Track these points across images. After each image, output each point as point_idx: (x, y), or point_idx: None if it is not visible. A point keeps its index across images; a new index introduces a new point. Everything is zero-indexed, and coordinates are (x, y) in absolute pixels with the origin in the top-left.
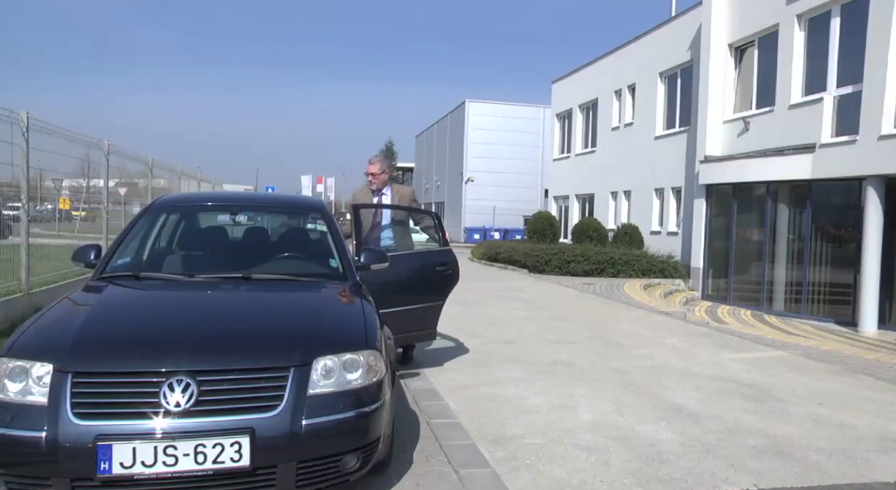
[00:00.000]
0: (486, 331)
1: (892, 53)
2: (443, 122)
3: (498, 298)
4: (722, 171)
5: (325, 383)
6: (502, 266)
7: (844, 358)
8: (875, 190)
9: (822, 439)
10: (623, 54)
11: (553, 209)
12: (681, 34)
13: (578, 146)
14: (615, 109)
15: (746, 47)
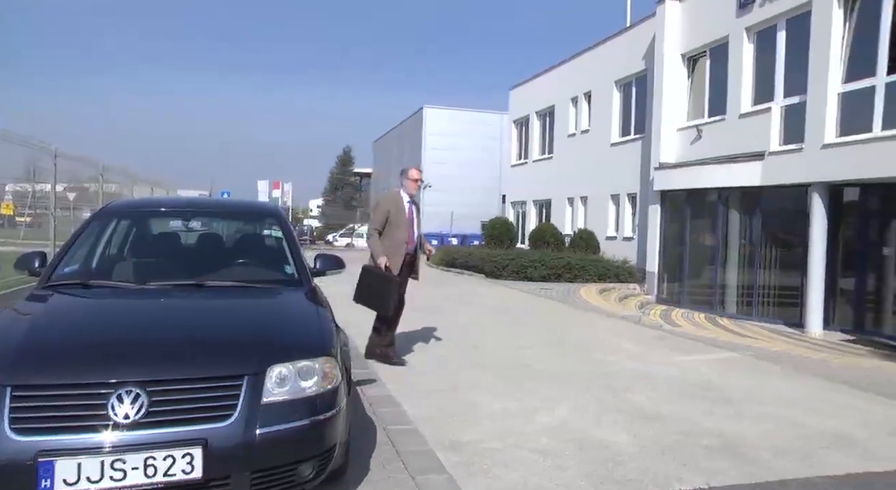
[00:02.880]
0: (443, 336)
1: (833, 66)
2: (400, 127)
3: (455, 304)
4: (676, 178)
5: (280, 391)
6: (460, 271)
7: (793, 358)
8: (820, 196)
9: (772, 438)
10: (579, 62)
11: (510, 215)
12: (635, 44)
13: (536, 152)
14: (572, 116)
15: (698, 58)
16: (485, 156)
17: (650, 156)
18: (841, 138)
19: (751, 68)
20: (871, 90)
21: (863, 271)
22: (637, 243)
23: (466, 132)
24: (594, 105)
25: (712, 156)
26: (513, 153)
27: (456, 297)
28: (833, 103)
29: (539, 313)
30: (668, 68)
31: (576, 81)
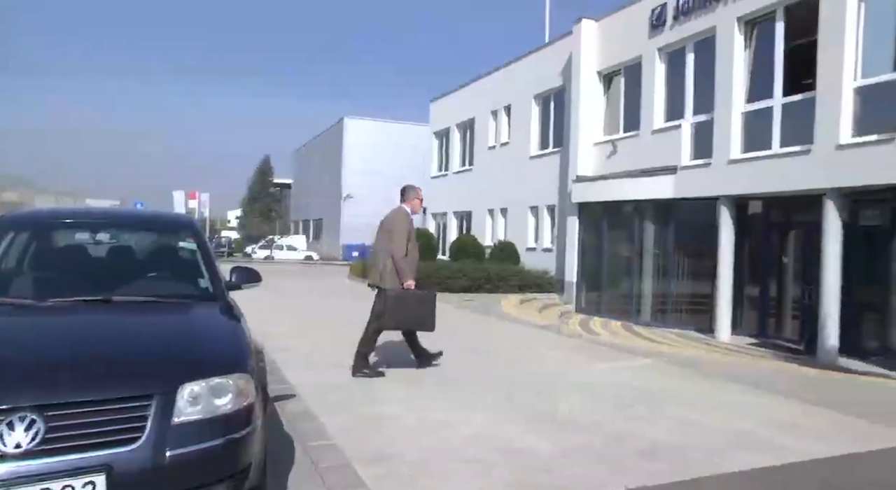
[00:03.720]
0: None
1: (736, 87)
2: (321, 138)
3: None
4: (593, 191)
5: (192, 410)
6: None
7: (704, 363)
8: (727, 209)
9: (686, 438)
10: (499, 76)
11: (431, 226)
12: (554, 60)
13: (456, 164)
14: (491, 129)
15: (614, 75)
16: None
17: (568, 169)
18: (745, 154)
19: (662, 87)
20: (769, 110)
21: (766, 279)
22: (556, 254)
23: (388, 143)
24: (514, 118)
25: (627, 169)
26: (433, 165)
27: None
28: (737, 122)
29: (460, 325)
30: (584, 85)
31: (496, 95)
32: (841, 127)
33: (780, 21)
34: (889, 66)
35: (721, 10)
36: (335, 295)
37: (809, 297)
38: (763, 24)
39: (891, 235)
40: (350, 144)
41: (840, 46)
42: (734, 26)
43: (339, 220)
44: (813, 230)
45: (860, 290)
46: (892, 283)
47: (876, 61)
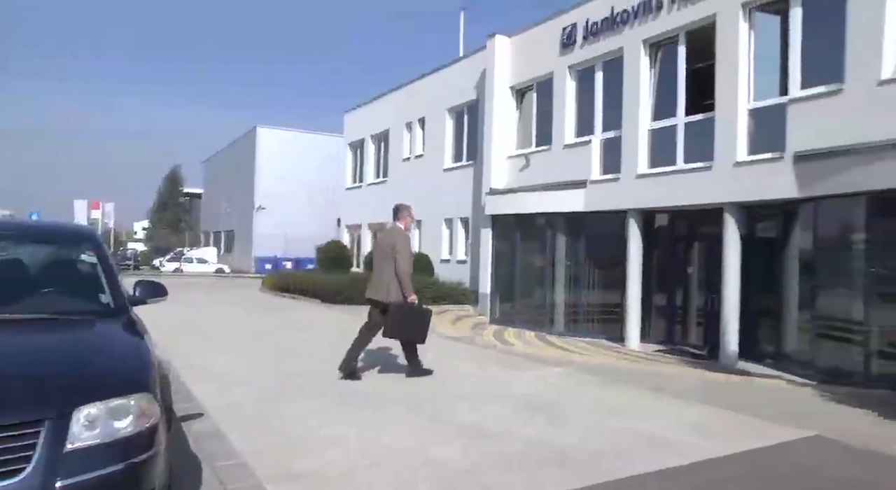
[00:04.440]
0: (277, 364)
1: (643, 105)
2: (233, 147)
3: (288, 330)
4: (506, 203)
5: (89, 435)
6: (294, 297)
7: (613, 370)
8: (635, 221)
9: (597, 443)
10: (414, 89)
11: (346, 238)
12: (468, 74)
13: (370, 176)
14: (406, 141)
15: (526, 91)
16: (320, 178)
17: (482, 181)
18: (651, 170)
19: (573, 103)
20: (674, 128)
21: (672, 289)
22: (470, 266)
23: (301, 154)
24: (428, 131)
25: (540, 183)
26: (348, 176)
27: (288, 323)
28: (644, 138)
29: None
30: (497, 99)
31: (410, 107)
32: (738, 145)
33: (682, 45)
34: (777, 91)
35: (627, 32)
36: (247, 308)
37: (712, 305)
38: (667, 46)
39: (784, 246)
40: (263, 154)
41: (735, 71)
42: (640, 48)
43: (251, 231)
44: (715, 242)
45: (757, 297)
46: (786, 291)
47: (766, 85)
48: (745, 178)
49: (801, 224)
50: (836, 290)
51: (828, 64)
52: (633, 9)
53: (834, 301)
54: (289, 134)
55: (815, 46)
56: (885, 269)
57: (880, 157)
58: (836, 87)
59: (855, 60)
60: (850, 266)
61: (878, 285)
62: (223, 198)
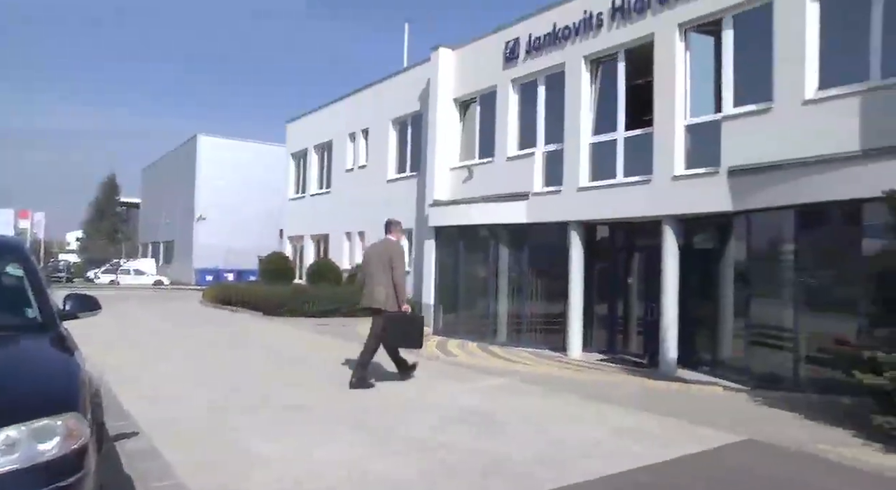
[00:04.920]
0: (216, 379)
1: (584, 119)
2: (173, 155)
3: (229, 344)
4: (449, 215)
5: (8, 459)
6: (235, 309)
7: (556, 379)
8: (577, 233)
9: (536, 452)
10: (357, 99)
11: (288, 250)
12: (412, 85)
13: (314, 186)
14: (349, 152)
15: (470, 103)
16: (264, 188)
17: (425, 193)
18: (592, 183)
19: (516, 116)
20: (614, 143)
21: (614, 299)
22: (414, 277)
23: (243, 163)
24: (371, 142)
25: (483, 195)
26: (290, 187)
27: (228, 337)
28: (585, 152)
29: (315, 350)
30: (441, 111)
31: (354, 118)
32: (675, 160)
33: (622, 61)
34: (711, 108)
35: (569, 47)
36: (187, 322)
37: (652, 315)
38: (607, 63)
39: (720, 257)
40: (204, 163)
41: (672, 88)
42: (581, 64)
43: (191, 242)
44: (654, 253)
45: (695, 307)
46: (721, 301)
47: (701, 103)
48: (682, 191)
49: (735, 236)
50: (768, 299)
51: (758, 83)
52: (575, 25)
53: (766, 310)
54: (230, 143)
55: (746, 66)
56: (812, 278)
57: (806, 172)
58: (765, 106)
59: (782, 81)
60: (781, 276)
61: (807, 294)
62: (163, 207)
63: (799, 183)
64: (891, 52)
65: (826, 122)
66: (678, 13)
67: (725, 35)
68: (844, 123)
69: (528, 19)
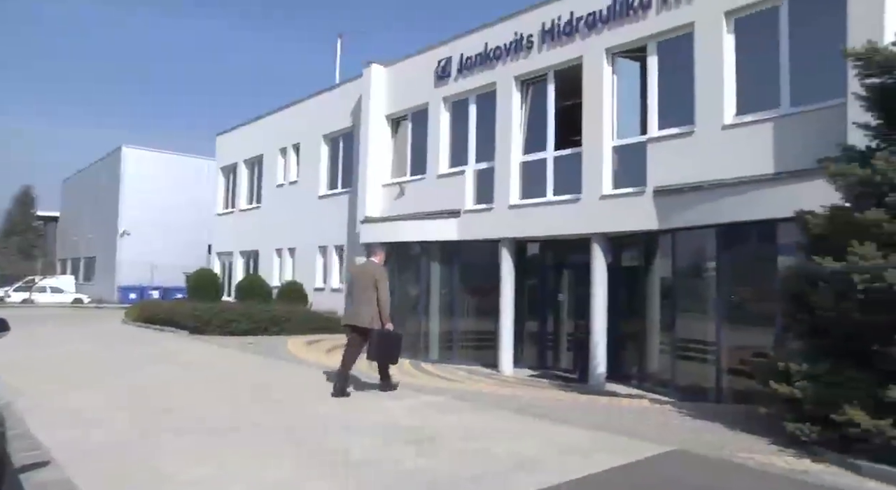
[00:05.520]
0: (134, 401)
1: (514, 138)
2: (95, 167)
3: (152, 364)
4: (381, 231)
5: None
6: (160, 328)
7: (488, 396)
8: (508, 250)
9: (472, 468)
10: (289, 114)
11: (217, 266)
12: (344, 101)
13: (243, 201)
14: (280, 167)
15: (401, 120)
16: (192, 203)
17: (357, 209)
18: (523, 201)
19: (448, 134)
20: (544, 162)
21: (544, 315)
22: (345, 294)
23: (171, 176)
24: (303, 157)
25: (414, 211)
26: (219, 201)
27: (153, 357)
28: (516, 170)
29: (242, 369)
30: (373, 127)
31: (285, 132)
32: (603, 179)
33: (552, 83)
34: (637, 130)
35: (500, 68)
36: (107, 342)
37: (581, 330)
38: (537, 84)
39: (646, 274)
40: (129, 176)
41: (599, 110)
42: (512, 84)
43: (114, 259)
44: (583, 270)
45: (623, 322)
46: (648, 316)
47: (628, 124)
48: (610, 210)
49: (661, 253)
50: (692, 314)
51: (681, 108)
52: (506, 46)
53: (691, 324)
54: (157, 155)
55: (670, 91)
56: (733, 294)
57: (725, 193)
58: (688, 129)
59: (703, 106)
60: (704, 292)
61: (728, 310)
62: (84, 222)
63: (719, 203)
64: (798, 84)
65: (743, 146)
66: (605, 38)
67: (650, 61)
68: (759, 148)
69: (460, 38)
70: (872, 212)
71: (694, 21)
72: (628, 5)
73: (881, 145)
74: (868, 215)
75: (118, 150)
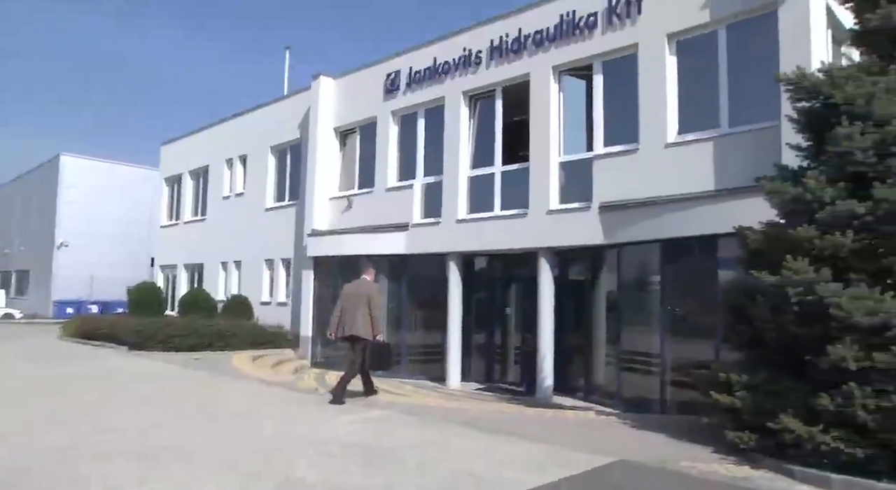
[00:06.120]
0: (73, 421)
1: (462, 153)
2: (30, 176)
3: (90, 382)
4: (328, 245)
5: None
6: (100, 344)
7: (435, 410)
8: (455, 264)
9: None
10: (235, 124)
11: (160, 279)
12: (292, 113)
13: (188, 213)
14: (226, 178)
15: (350, 133)
16: (133, 214)
17: (304, 222)
18: (471, 215)
19: (396, 147)
20: (492, 176)
21: (492, 329)
22: (291, 308)
23: (113, 186)
24: (250, 169)
25: (362, 225)
26: (163, 213)
27: (91, 375)
28: (464, 185)
29: (186, 386)
30: (321, 140)
31: (232, 143)
32: (550, 195)
33: (499, 99)
34: (584, 147)
35: (449, 82)
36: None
37: (528, 344)
38: (485, 99)
39: (593, 288)
40: (67, 185)
41: (546, 126)
42: (460, 99)
43: (50, 272)
44: (531, 284)
45: (570, 335)
46: (595, 329)
47: (575, 141)
48: (556, 225)
49: (607, 268)
50: (637, 327)
51: (626, 126)
52: (455, 61)
53: (636, 337)
54: (98, 164)
55: (615, 109)
56: (677, 308)
57: (669, 209)
58: (632, 147)
59: (647, 124)
60: (649, 305)
61: (672, 322)
62: (15, 233)
63: (663, 219)
64: (736, 105)
65: (686, 164)
66: (552, 56)
67: (596, 79)
68: (701, 165)
69: (410, 53)
70: (804, 229)
71: (638, 42)
72: (575, 25)
73: (812, 165)
74: (800, 232)
75: (56, 159)
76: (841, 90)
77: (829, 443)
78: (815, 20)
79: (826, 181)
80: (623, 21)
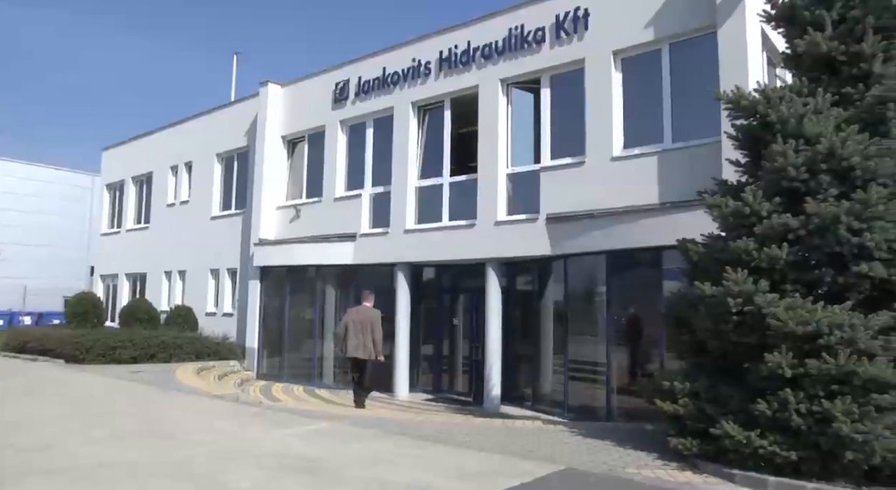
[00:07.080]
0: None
1: (411, 163)
2: None
3: (21, 397)
4: (275, 255)
5: None
6: (33, 357)
7: (383, 422)
8: (404, 274)
9: None
10: (181, 130)
11: (100, 289)
12: (239, 119)
13: (130, 221)
14: (171, 185)
15: (298, 141)
16: (72, 221)
17: (251, 231)
18: (419, 225)
19: (344, 157)
20: (440, 187)
21: (440, 339)
22: (237, 319)
23: (47, 192)
24: (195, 176)
25: (310, 235)
26: (104, 220)
27: (22, 389)
28: (412, 195)
29: (126, 400)
30: (269, 148)
31: (177, 150)
32: (498, 206)
33: (448, 110)
34: (530, 159)
35: (397, 92)
36: None
37: (477, 354)
38: (433, 110)
39: (540, 298)
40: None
41: (494, 138)
42: (409, 109)
43: None
44: (478, 294)
45: (517, 345)
46: (542, 339)
47: (522, 153)
48: (504, 236)
49: (554, 278)
50: (584, 336)
51: (573, 139)
52: (404, 71)
53: (582, 346)
54: (32, 168)
55: (562, 122)
56: (622, 317)
57: (614, 221)
58: (579, 160)
59: (593, 138)
60: (595, 315)
61: (617, 331)
62: None
63: (609, 230)
64: (679, 121)
65: (631, 177)
66: (500, 69)
67: (544, 93)
68: (646, 179)
69: (359, 62)
70: (743, 242)
71: (585, 57)
72: (523, 39)
73: (750, 180)
74: (739, 244)
75: None
76: (775, 110)
77: (766, 446)
78: (751, 43)
79: (763, 196)
80: (570, 37)
